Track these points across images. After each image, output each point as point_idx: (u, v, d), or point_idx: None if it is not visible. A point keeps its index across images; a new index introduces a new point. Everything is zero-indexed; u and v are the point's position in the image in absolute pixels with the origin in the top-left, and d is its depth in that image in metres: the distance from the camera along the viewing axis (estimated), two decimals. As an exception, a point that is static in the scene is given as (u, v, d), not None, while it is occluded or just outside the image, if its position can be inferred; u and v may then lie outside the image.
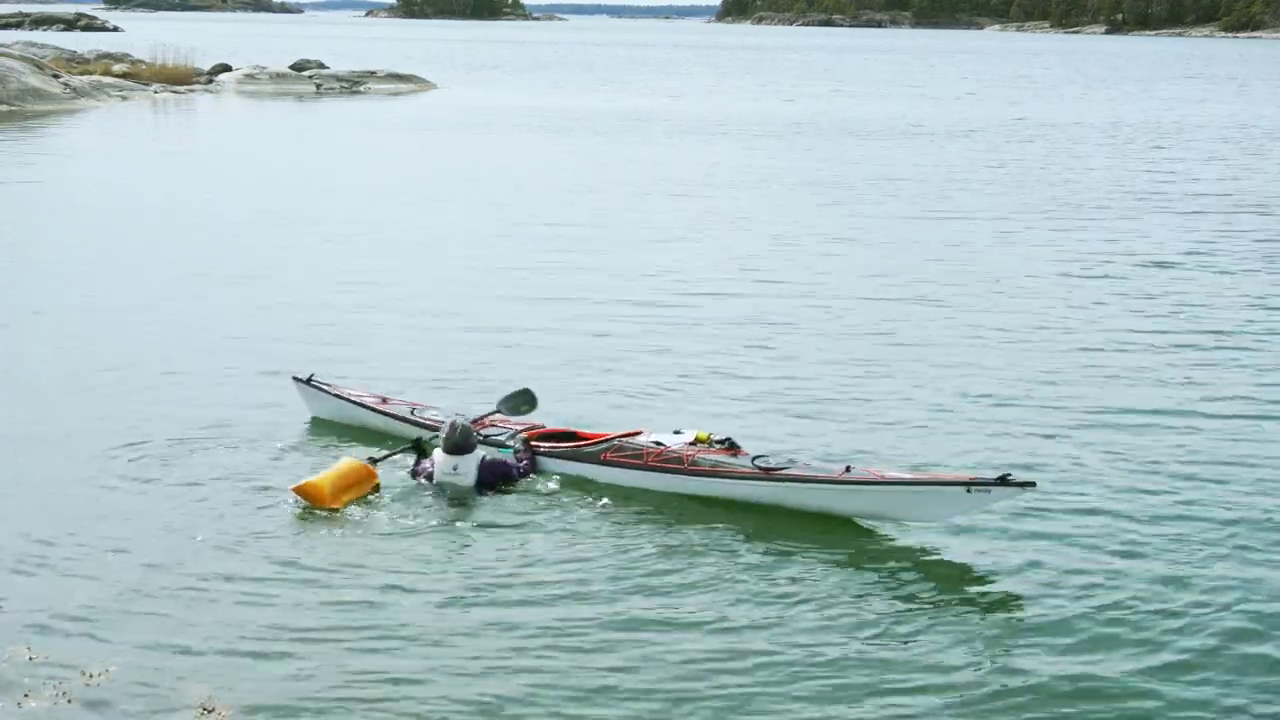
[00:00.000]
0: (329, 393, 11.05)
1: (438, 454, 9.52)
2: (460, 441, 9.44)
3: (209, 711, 6.55)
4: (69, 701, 6.62)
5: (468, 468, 9.39)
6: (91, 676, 6.83)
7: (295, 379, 11.26)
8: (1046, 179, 29.06)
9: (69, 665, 6.93)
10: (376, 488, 9.39)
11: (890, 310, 15.77)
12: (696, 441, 9.64)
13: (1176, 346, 14.18)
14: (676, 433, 9.87)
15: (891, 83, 69.77)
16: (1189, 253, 19.99)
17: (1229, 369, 13.34)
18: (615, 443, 9.74)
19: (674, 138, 37.71)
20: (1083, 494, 9.72)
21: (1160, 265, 18.98)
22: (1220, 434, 11.22)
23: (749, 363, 13.25)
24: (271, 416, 11.13)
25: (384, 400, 10.97)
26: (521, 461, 9.70)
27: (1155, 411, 11.80)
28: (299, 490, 9.05)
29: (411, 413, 10.66)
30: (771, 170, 30.01)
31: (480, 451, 9.57)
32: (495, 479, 9.45)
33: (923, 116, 46.73)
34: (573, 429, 10.39)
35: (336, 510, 8.99)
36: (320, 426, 10.99)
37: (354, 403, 10.89)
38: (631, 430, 10.00)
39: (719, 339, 14.20)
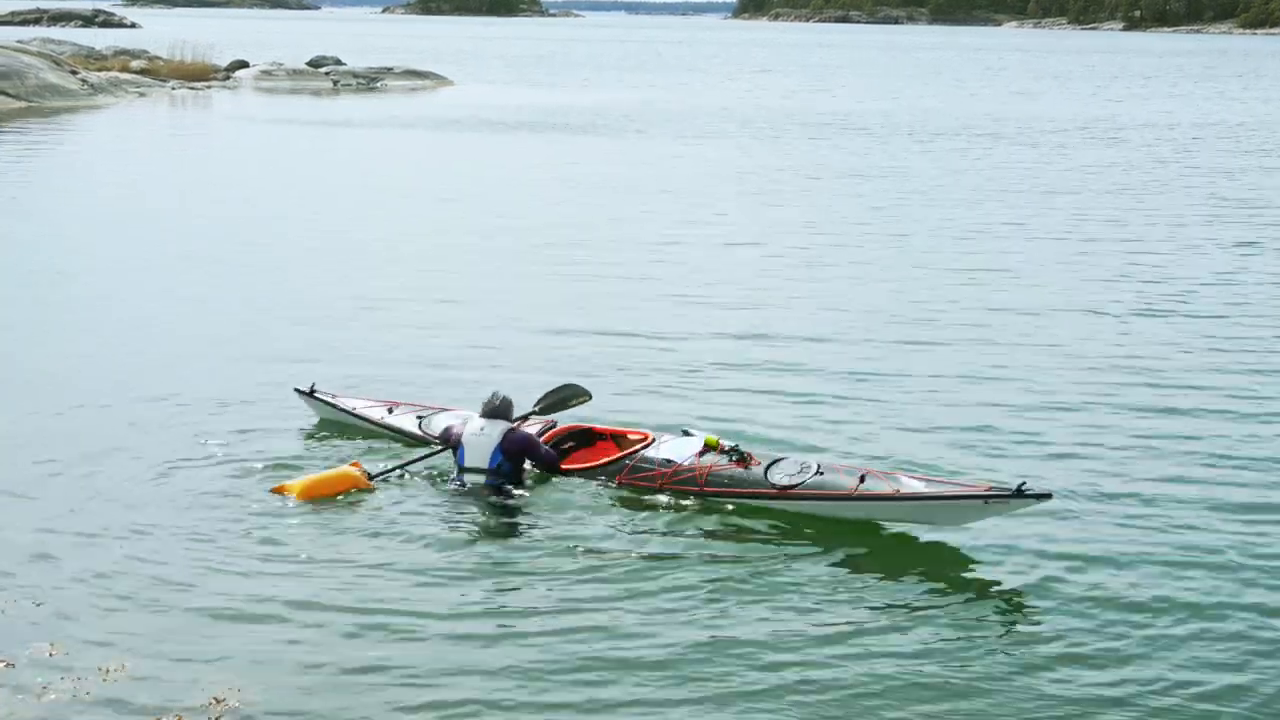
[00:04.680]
0: (331, 404, 11.08)
1: (474, 419, 9.77)
2: (496, 407, 9.72)
3: (220, 702, 6.68)
4: (87, 695, 6.75)
5: (494, 432, 9.58)
6: (108, 673, 6.95)
7: (297, 390, 11.26)
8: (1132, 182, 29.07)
9: (87, 661, 7.06)
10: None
11: (915, 314, 15.71)
12: (706, 447, 9.63)
13: (1203, 367, 13.61)
14: (685, 433, 9.92)
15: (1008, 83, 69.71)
16: (1233, 267, 19.23)
17: (1261, 387, 12.94)
18: (628, 462, 9.73)
19: (705, 136, 37.73)
20: (1100, 505, 9.69)
21: (1195, 278, 18.29)
22: (1247, 449, 11.02)
23: (774, 362, 13.31)
24: (286, 420, 11.18)
25: (390, 410, 10.92)
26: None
27: (1177, 423, 11.66)
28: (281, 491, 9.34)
29: (419, 424, 10.59)
30: (807, 169, 30.06)
31: (510, 424, 9.73)
32: (517, 449, 9.59)
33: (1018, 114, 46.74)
34: (588, 426, 10.46)
35: (352, 512, 9.14)
36: (330, 429, 11.00)
37: (356, 416, 10.91)
38: (641, 436, 10.07)
39: (747, 339, 14.24)
